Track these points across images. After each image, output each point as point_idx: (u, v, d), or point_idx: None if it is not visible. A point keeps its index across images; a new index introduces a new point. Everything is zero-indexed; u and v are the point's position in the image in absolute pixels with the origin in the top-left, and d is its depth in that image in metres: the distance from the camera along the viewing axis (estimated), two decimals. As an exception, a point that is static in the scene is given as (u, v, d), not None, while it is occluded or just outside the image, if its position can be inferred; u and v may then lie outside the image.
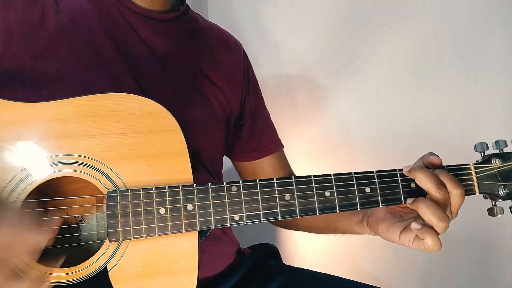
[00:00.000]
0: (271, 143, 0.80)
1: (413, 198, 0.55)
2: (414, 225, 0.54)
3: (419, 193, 0.56)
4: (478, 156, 0.61)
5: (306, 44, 1.14)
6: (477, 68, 1.06)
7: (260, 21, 1.16)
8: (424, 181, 0.54)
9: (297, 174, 0.66)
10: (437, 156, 0.58)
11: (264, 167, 0.80)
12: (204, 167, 0.68)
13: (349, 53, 1.12)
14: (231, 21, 1.16)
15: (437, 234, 0.53)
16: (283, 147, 0.82)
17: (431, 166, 0.57)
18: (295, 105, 1.16)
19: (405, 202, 0.56)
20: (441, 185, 0.53)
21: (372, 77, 1.11)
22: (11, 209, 0.47)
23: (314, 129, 1.14)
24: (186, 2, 0.73)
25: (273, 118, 0.84)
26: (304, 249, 1.11)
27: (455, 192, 0.54)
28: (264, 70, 1.10)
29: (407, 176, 0.57)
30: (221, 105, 0.71)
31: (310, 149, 1.14)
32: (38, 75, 0.57)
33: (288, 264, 0.75)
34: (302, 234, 0.84)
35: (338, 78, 1.13)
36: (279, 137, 0.83)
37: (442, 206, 0.53)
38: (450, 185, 0.54)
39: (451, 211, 0.55)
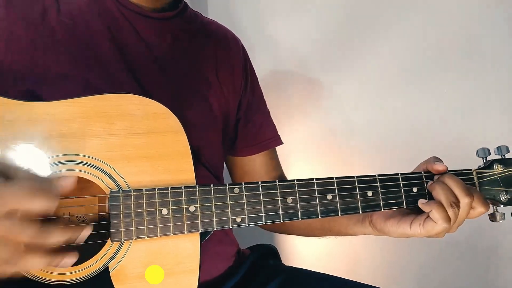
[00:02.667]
0: (268, 139, 0.79)
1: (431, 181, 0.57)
2: (421, 200, 0.56)
3: (421, 197, 0.57)
4: (480, 161, 0.61)
5: (306, 42, 1.13)
6: (479, 69, 1.06)
7: (260, 18, 1.16)
8: (440, 196, 0.55)
9: (296, 175, 0.65)
10: (442, 162, 0.58)
11: (255, 164, 0.79)
12: (205, 167, 0.68)
13: (349, 51, 1.12)
14: (230, 18, 1.15)
15: (445, 209, 0.54)
16: (282, 143, 0.81)
17: (436, 173, 0.58)
18: (294, 104, 1.16)
19: (406, 207, 0.57)
20: (456, 205, 0.55)
21: (372, 77, 1.11)
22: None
23: (313, 129, 1.14)
24: (185, 0, 0.73)
25: (271, 116, 0.83)
26: (303, 249, 1.11)
27: (463, 201, 0.55)
28: (263, 68, 1.10)
29: (409, 181, 0.57)
30: (219, 105, 0.71)
31: (309, 148, 1.14)
32: (38, 74, 0.57)
33: (287, 264, 0.76)
34: (302, 234, 0.84)
35: (338, 77, 1.13)
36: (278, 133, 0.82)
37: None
38: (459, 193, 0.55)
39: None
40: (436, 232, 0.55)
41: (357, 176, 0.56)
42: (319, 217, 0.54)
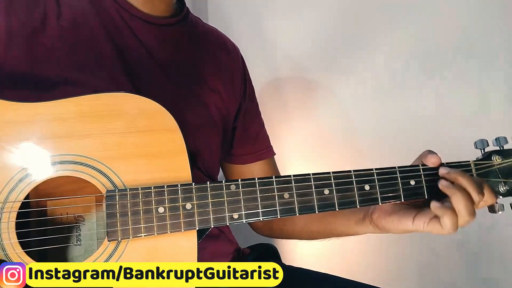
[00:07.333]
0: (264, 149, 0.80)
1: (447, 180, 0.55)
2: (435, 204, 0.53)
3: (419, 191, 0.56)
4: (478, 153, 0.61)
5: (305, 47, 1.14)
6: (477, 67, 1.06)
7: (259, 24, 1.16)
8: (459, 205, 0.53)
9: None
10: (436, 154, 0.57)
11: (254, 172, 0.79)
12: (200, 170, 0.68)
13: (348, 52, 1.12)
14: (229, 24, 1.16)
15: (456, 216, 0.52)
16: (275, 154, 0.82)
17: (431, 166, 0.57)
18: (292, 106, 1.16)
19: (404, 200, 0.56)
20: (481, 194, 0.53)
21: (371, 77, 1.11)
22: None
23: (312, 130, 1.14)
24: (186, 5, 0.74)
25: (270, 119, 0.84)
26: (303, 249, 1.11)
27: (474, 199, 0.53)
28: (263, 71, 1.11)
29: (406, 173, 0.56)
30: (218, 110, 0.71)
31: (308, 150, 1.14)
32: (38, 78, 0.58)
33: (287, 264, 0.75)
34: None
35: (337, 78, 1.13)
36: (277, 137, 0.83)
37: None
38: (472, 192, 0.53)
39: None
40: (441, 233, 0.54)
41: (354, 170, 0.56)
42: (317, 212, 0.53)
